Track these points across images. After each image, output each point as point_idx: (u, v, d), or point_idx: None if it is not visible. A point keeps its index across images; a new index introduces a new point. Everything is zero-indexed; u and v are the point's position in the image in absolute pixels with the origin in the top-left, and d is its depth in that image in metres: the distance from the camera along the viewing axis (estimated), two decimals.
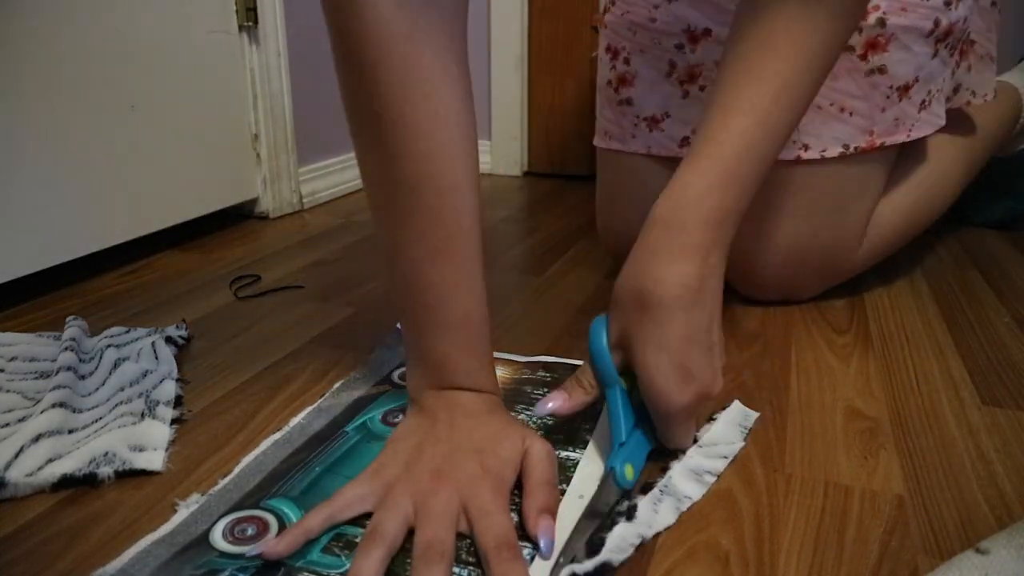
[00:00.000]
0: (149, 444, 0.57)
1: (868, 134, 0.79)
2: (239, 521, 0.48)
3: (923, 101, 0.81)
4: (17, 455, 0.53)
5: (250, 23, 1.17)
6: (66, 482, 0.52)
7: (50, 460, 0.53)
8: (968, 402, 0.65)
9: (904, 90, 0.79)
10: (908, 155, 0.89)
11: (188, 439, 0.59)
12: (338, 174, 1.44)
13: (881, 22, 0.76)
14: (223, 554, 0.45)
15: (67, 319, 0.76)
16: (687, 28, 0.83)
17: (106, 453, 0.54)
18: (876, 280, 0.94)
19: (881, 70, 0.78)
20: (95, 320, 0.81)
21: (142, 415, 0.60)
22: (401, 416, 0.60)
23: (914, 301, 0.89)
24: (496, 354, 0.59)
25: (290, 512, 0.49)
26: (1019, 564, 0.42)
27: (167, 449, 0.57)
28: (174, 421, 0.61)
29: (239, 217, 1.25)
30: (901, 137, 0.81)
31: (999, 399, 0.66)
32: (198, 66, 1.09)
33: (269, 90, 1.22)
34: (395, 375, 0.69)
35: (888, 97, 0.79)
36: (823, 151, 0.79)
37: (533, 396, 0.65)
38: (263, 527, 0.48)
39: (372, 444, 0.57)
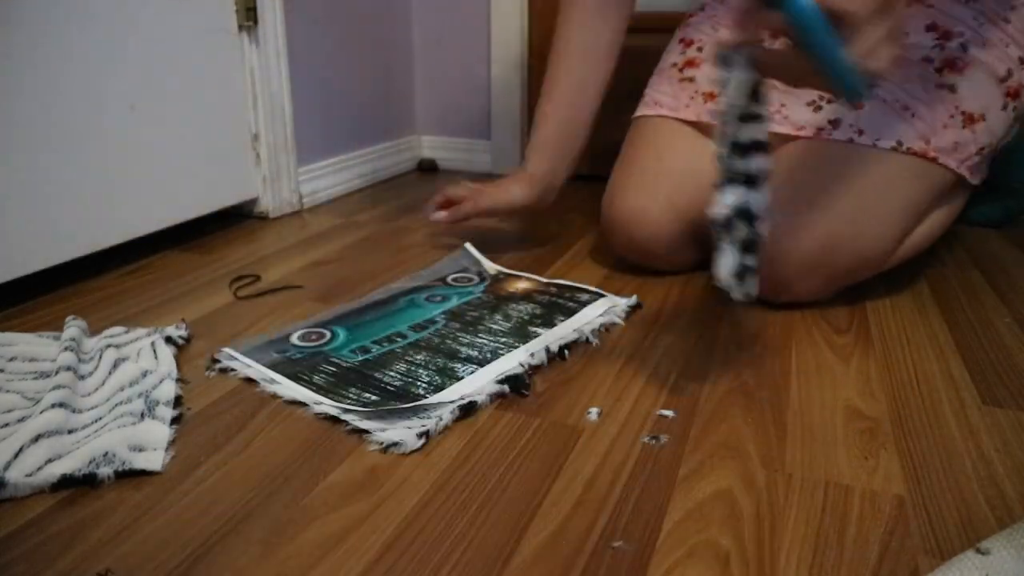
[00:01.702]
0: (149, 444, 0.57)
1: (925, 141, 0.79)
2: (309, 331, 0.77)
3: (982, 148, 0.82)
4: (17, 455, 0.53)
5: (250, 23, 1.17)
6: (66, 482, 0.52)
7: (49, 460, 0.54)
8: (968, 402, 0.65)
9: (969, 119, 0.79)
10: None
11: (188, 439, 0.59)
12: (338, 174, 1.44)
13: (963, 47, 0.78)
14: (295, 345, 0.73)
15: (67, 319, 0.76)
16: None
17: (106, 453, 0.54)
18: (876, 280, 0.94)
19: (952, 88, 0.79)
20: (95, 320, 0.81)
21: (142, 415, 0.60)
22: (441, 298, 0.87)
23: (914, 301, 0.89)
24: (520, 273, 0.97)
25: (341, 332, 0.76)
26: (1019, 564, 0.42)
27: (167, 449, 0.57)
28: (173, 421, 0.61)
29: (239, 217, 1.25)
30: (953, 163, 0.80)
31: (999, 399, 0.66)
32: (198, 66, 1.09)
33: (269, 90, 1.22)
34: (449, 278, 0.94)
35: (952, 116, 0.79)
36: (877, 139, 0.79)
37: (539, 299, 0.88)
38: (320, 336, 0.76)
39: (414, 310, 0.83)
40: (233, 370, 0.69)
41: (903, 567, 0.45)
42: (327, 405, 0.63)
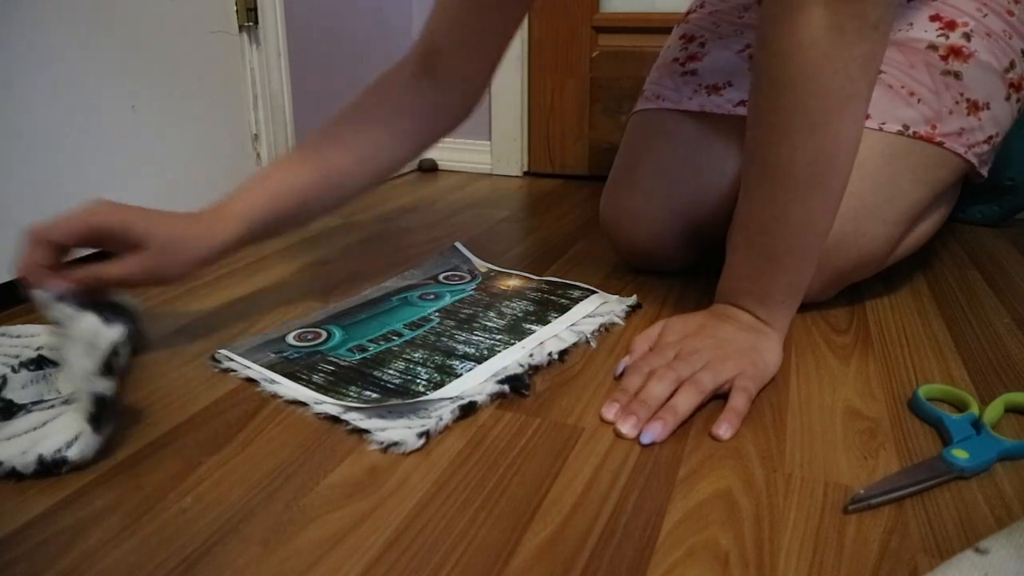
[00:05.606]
0: (73, 435, 0.55)
1: (931, 126, 0.79)
2: (305, 331, 0.77)
3: (990, 137, 0.82)
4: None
5: (250, 23, 1.17)
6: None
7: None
8: None
9: (974, 107, 0.79)
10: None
11: (188, 439, 0.59)
12: None
13: (966, 36, 0.79)
14: (291, 345, 0.74)
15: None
16: None
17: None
18: (876, 280, 0.94)
19: (957, 75, 0.79)
20: None
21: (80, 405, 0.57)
22: (434, 296, 0.87)
23: (914, 301, 0.89)
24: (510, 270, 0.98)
25: (336, 331, 0.77)
26: (1019, 564, 0.42)
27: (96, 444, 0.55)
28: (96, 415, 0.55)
29: None
30: (960, 148, 0.80)
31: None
32: (198, 66, 1.09)
33: (269, 90, 1.22)
34: (440, 276, 0.94)
35: (957, 103, 0.79)
36: (883, 123, 0.79)
37: (530, 295, 0.91)
38: (316, 336, 0.76)
39: (408, 308, 0.84)
40: (234, 370, 0.69)
41: (903, 567, 0.45)
42: (329, 404, 0.63)
